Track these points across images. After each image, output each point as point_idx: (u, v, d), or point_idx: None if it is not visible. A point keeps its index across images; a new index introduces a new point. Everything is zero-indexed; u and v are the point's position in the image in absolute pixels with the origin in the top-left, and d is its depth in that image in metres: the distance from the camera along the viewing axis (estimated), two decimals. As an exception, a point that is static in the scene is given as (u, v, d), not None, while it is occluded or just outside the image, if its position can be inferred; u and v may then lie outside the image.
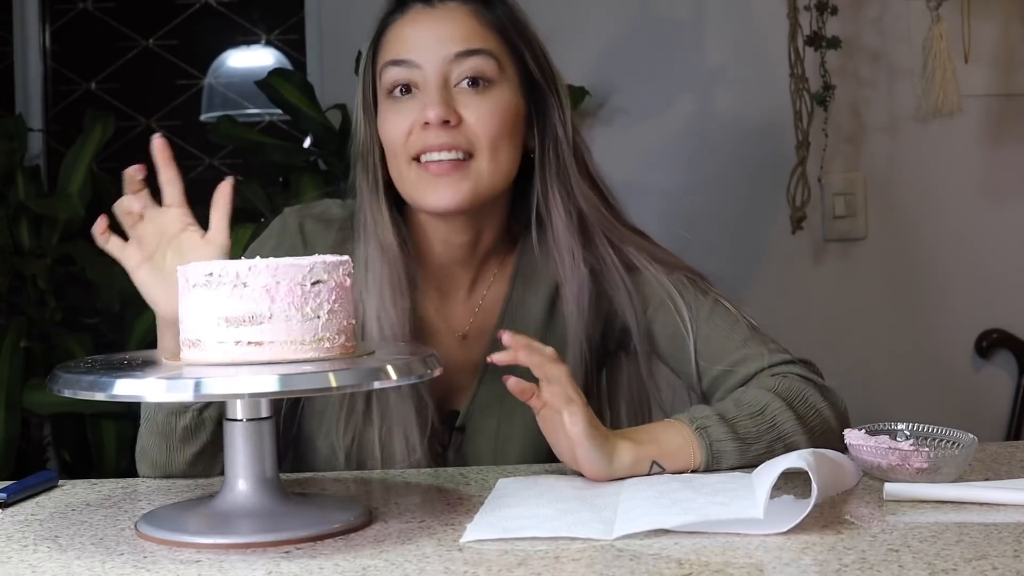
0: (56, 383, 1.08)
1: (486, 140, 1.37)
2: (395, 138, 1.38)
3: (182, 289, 1.11)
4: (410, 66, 1.38)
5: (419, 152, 1.37)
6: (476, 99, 1.37)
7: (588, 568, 0.97)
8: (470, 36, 1.38)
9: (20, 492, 1.25)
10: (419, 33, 1.39)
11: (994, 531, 1.04)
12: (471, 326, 1.48)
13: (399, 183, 1.41)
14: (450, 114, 1.36)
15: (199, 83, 2.95)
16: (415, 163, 1.38)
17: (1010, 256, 2.68)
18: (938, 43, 2.44)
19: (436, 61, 1.37)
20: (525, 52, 1.42)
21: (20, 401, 2.23)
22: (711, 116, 2.69)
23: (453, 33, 1.38)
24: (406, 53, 1.38)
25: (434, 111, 1.35)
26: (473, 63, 1.37)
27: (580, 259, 1.43)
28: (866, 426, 1.29)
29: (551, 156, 1.43)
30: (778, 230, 2.63)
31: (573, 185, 1.44)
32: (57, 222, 2.39)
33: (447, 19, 1.39)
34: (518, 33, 1.42)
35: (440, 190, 1.37)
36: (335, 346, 1.10)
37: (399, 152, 1.39)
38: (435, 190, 1.37)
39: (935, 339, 2.68)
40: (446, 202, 1.37)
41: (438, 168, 1.36)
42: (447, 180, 1.37)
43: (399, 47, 1.39)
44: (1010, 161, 2.67)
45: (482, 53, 1.38)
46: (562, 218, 1.43)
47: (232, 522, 1.09)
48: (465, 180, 1.37)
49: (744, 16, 2.67)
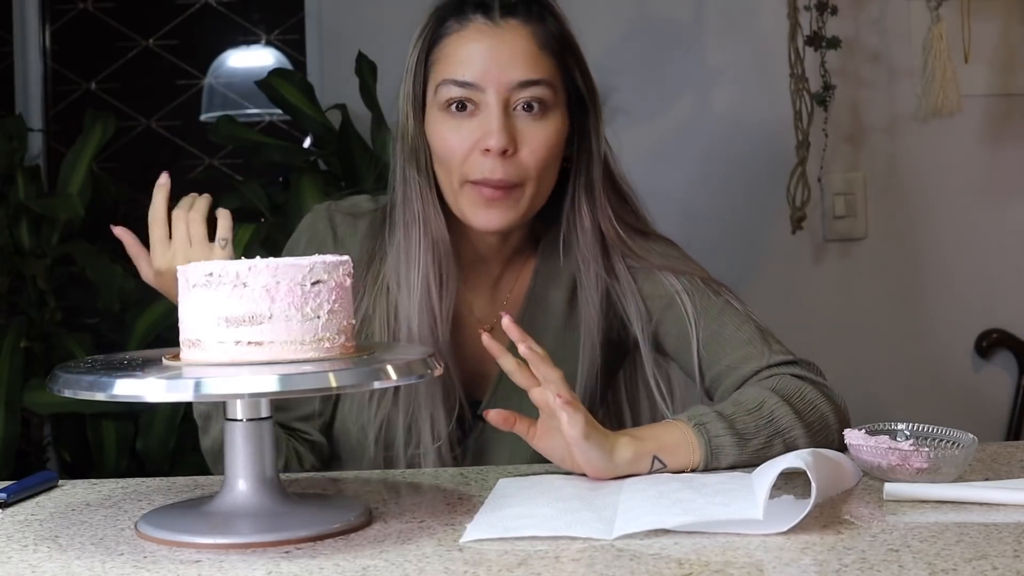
0: (56, 383, 1.08)
1: (536, 171, 1.43)
2: (451, 156, 1.42)
3: (182, 289, 1.11)
4: (472, 88, 1.41)
5: (477, 180, 1.41)
6: (532, 126, 1.42)
7: (588, 568, 0.97)
8: (531, 64, 1.42)
9: (20, 492, 1.25)
10: (481, 54, 1.41)
11: (994, 531, 1.04)
12: (496, 319, 1.50)
13: (449, 195, 1.46)
14: (510, 143, 1.40)
15: (199, 83, 2.95)
16: (468, 183, 1.42)
17: (1010, 256, 2.68)
18: (938, 43, 2.44)
19: (498, 87, 1.40)
20: (576, 72, 1.48)
21: (20, 401, 2.23)
22: (711, 116, 2.69)
23: (515, 59, 1.41)
24: (469, 75, 1.41)
25: (496, 140, 1.39)
26: (532, 91, 1.42)
27: (601, 265, 1.49)
28: (866, 426, 1.29)
29: (584, 168, 1.49)
30: (778, 230, 2.63)
31: (597, 195, 1.49)
32: (57, 222, 2.39)
33: (509, 43, 1.42)
34: (570, 53, 1.47)
35: (491, 213, 1.43)
36: (335, 346, 1.10)
37: (454, 170, 1.43)
38: (486, 213, 1.43)
39: (935, 339, 2.68)
40: (496, 224, 1.44)
41: (492, 194, 1.42)
42: (499, 205, 1.42)
43: (461, 67, 1.42)
44: (1010, 161, 2.67)
45: (541, 84, 1.42)
46: (587, 225, 1.49)
47: (232, 522, 1.09)
48: (514, 207, 1.43)
49: (744, 16, 2.67)
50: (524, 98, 1.41)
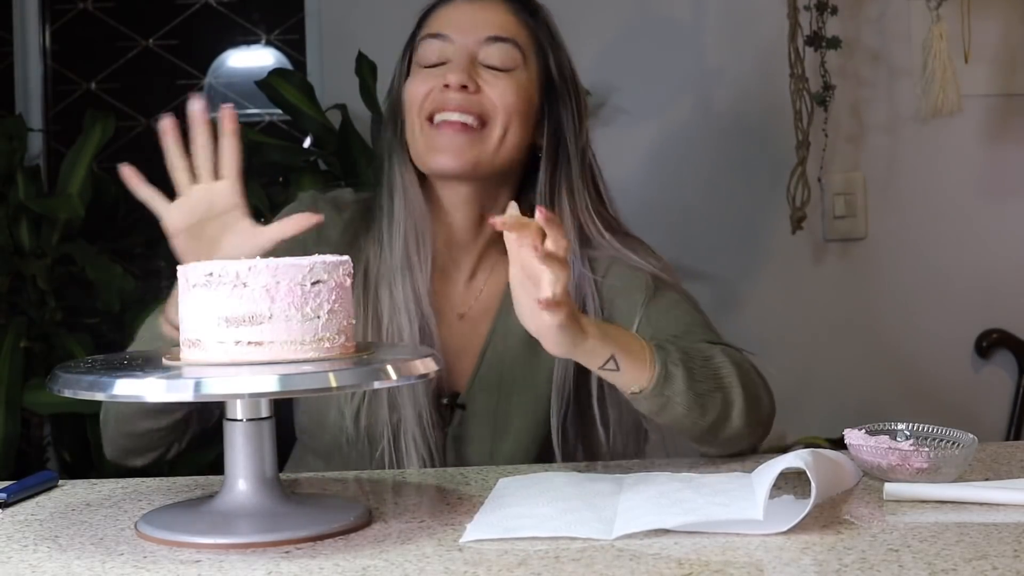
0: (56, 383, 1.08)
1: (501, 110, 1.46)
2: (414, 98, 1.47)
3: (182, 289, 1.11)
4: (444, 39, 1.48)
5: (433, 111, 1.45)
6: (497, 77, 1.47)
7: (588, 568, 0.97)
8: (503, 26, 1.49)
9: (20, 492, 1.25)
10: (459, 14, 1.50)
11: (994, 531, 1.04)
12: (472, 307, 1.53)
13: (412, 146, 1.48)
14: (470, 82, 1.45)
15: (199, 83, 2.95)
16: (428, 123, 1.45)
17: (1010, 256, 2.68)
18: (938, 43, 2.44)
19: (467, 39, 1.47)
20: (549, 53, 1.52)
21: (20, 401, 2.23)
22: (711, 116, 2.69)
23: (488, 20, 1.49)
24: (443, 29, 1.49)
25: (455, 75, 1.45)
26: (500, 49, 1.48)
27: (577, 255, 1.49)
28: (866, 426, 1.29)
29: (559, 157, 1.50)
30: (778, 230, 2.63)
31: (577, 191, 1.50)
32: (57, 222, 2.39)
33: (486, 8, 1.50)
34: (546, 35, 1.52)
35: (447, 152, 1.44)
36: (335, 346, 1.10)
37: (414, 111, 1.47)
38: (443, 152, 1.45)
39: (935, 339, 2.68)
40: (450, 164, 1.45)
41: (450, 128, 1.44)
42: (456, 142, 1.44)
43: (438, 24, 1.50)
44: (1010, 161, 2.67)
45: (509, 42, 1.48)
46: (568, 221, 1.49)
47: (232, 522, 1.09)
48: (472, 147, 1.45)
49: (744, 16, 2.67)
50: (492, 55, 1.47)
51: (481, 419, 1.49)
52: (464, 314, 1.53)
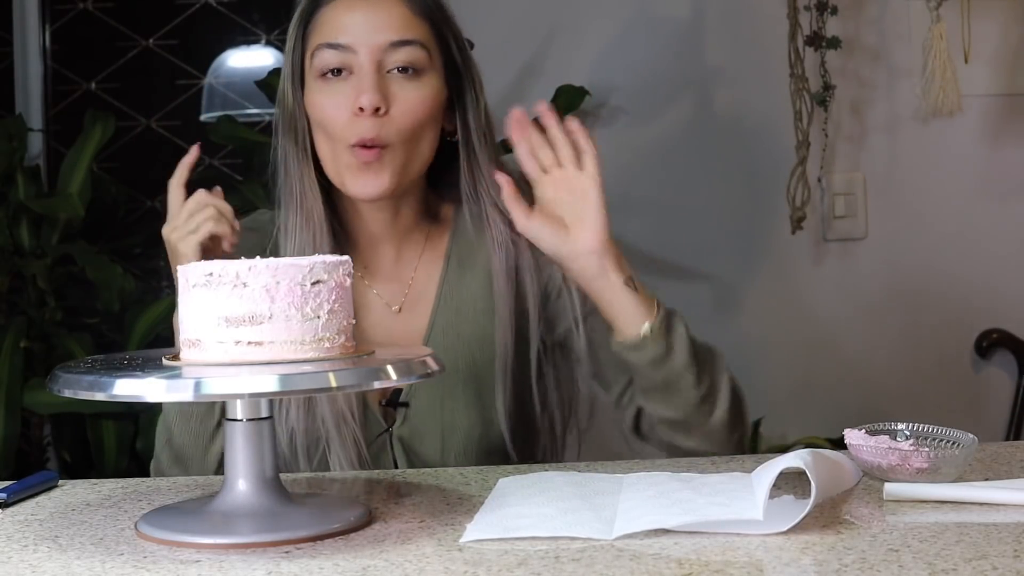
0: (56, 383, 1.08)
1: (407, 131, 1.43)
2: (331, 122, 1.43)
3: (182, 289, 1.11)
4: (345, 51, 1.43)
5: (350, 137, 1.42)
6: (406, 86, 1.43)
7: (588, 568, 0.97)
8: (404, 26, 1.44)
9: (20, 492, 1.25)
10: (355, 19, 1.43)
11: (994, 531, 1.04)
12: (406, 299, 1.52)
13: (329, 163, 1.46)
14: (383, 102, 1.41)
15: (199, 83, 2.95)
16: (347, 149, 1.43)
17: (1010, 256, 2.68)
18: (938, 43, 2.44)
19: (371, 48, 1.42)
20: (451, 41, 1.49)
21: (20, 401, 2.23)
22: (711, 116, 2.69)
23: (388, 22, 1.43)
24: (341, 38, 1.43)
25: (368, 97, 1.40)
26: (406, 53, 1.43)
27: (507, 234, 1.49)
28: (866, 426, 1.29)
29: (471, 140, 1.50)
30: (778, 230, 2.63)
31: (486, 174, 1.50)
32: (57, 222, 2.39)
33: (381, 7, 1.44)
34: (444, 22, 1.48)
35: (366, 179, 1.43)
36: (335, 346, 1.10)
37: (336, 136, 1.43)
38: (363, 178, 1.43)
39: (935, 339, 2.68)
40: (370, 191, 1.44)
41: (366, 156, 1.42)
42: (372, 168, 1.42)
43: (334, 31, 1.44)
44: (1010, 161, 2.67)
45: (415, 44, 1.44)
46: (485, 197, 1.50)
47: (232, 522, 1.09)
48: (384, 170, 1.43)
49: (744, 16, 2.67)
50: (398, 60, 1.43)
51: (427, 416, 1.48)
52: (401, 307, 1.52)
